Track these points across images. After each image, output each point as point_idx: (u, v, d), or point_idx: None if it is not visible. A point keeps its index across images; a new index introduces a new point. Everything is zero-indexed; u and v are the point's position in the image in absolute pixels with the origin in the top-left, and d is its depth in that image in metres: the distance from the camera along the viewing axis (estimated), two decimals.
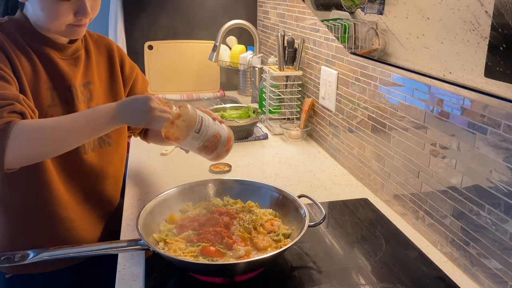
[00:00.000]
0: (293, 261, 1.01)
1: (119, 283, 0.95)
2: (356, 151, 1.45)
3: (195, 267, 0.92)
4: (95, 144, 1.16)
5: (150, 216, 1.03)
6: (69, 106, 1.09)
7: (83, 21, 1.02)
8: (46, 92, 1.05)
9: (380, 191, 1.31)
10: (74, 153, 1.09)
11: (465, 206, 0.96)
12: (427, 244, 1.08)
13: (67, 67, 1.09)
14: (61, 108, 1.07)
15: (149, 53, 2.45)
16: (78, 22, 1.02)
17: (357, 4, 1.02)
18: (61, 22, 1.00)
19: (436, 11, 0.78)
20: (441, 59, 0.80)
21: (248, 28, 2.28)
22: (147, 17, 2.42)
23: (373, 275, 0.96)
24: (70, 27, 1.02)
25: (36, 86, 1.03)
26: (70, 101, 1.09)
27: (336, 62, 1.56)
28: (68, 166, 1.09)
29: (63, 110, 1.07)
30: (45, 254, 0.91)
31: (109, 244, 0.99)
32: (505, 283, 0.86)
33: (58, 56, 1.08)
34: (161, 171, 1.50)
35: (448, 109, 0.99)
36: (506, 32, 0.62)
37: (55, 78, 1.07)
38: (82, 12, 1.00)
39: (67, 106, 1.08)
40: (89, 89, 1.14)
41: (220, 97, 2.54)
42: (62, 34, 1.05)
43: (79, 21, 1.02)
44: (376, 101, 1.30)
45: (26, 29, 1.04)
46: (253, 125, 1.85)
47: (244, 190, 1.17)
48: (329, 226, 1.16)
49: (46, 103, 1.05)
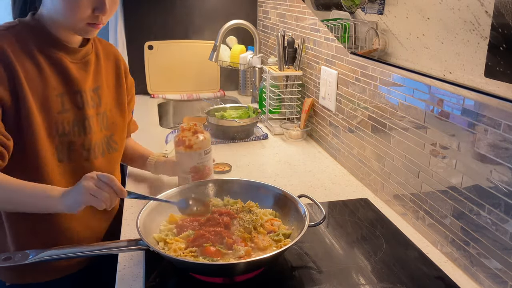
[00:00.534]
0: (293, 261, 1.01)
1: (119, 283, 0.95)
2: (356, 151, 1.45)
3: (195, 267, 0.92)
4: (103, 149, 1.17)
5: (150, 216, 1.03)
6: (79, 111, 1.09)
7: (99, 19, 1.01)
8: (56, 98, 1.05)
9: (380, 191, 1.31)
10: (85, 158, 1.11)
11: (465, 206, 0.96)
12: (427, 244, 1.08)
13: (77, 71, 1.09)
14: (72, 114, 1.08)
15: (149, 53, 2.45)
16: (95, 20, 1.01)
17: (357, 4, 1.02)
18: (79, 16, 0.99)
19: (436, 11, 0.78)
20: (441, 59, 0.80)
21: (248, 28, 2.28)
22: (147, 17, 2.42)
23: (373, 275, 0.96)
24: (86, 25, 1.01)
25: (45, 93, 1.03)
26: (81, 107, 1.09)
27: (336, 62, 1.56)
28: (77, 170, 1.09)
29: (74, 116, 1.08)
30: (45, 254, 0.91)
31: (109, 244, 0.99)
32: (505, 283, 0.86)
33: (69, 60, 1.08)
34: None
35: (448, 109, 0.99)
36: (506, 32, 0.62)
37: (65, 83, 1.07)
38: (101, 8, 0.99)
39: (78, 111, 1.09)
40: (98, 94, 1.15)
41: (220, 97, 2.54)
42: (77, 32, 1.05)
43: (96, 19, 1.01)
44: (376, 101, 1.30)
45: (39, 32, 1.04)
46: (253, 125, 1.85)
47: (244, 190, 1.17)
48: (329, 226, 1.16)
49: (56, 110, 1.04)
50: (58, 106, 1.05)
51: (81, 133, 1.09)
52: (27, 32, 1.03)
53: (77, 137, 1.09)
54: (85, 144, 1.10)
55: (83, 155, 1.10)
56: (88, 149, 1.11)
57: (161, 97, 2.48)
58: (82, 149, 1.10)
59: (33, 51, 1.02)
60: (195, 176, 1.28)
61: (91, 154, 1.12)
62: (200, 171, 1.28)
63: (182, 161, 1.28)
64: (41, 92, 1.02)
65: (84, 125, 1.10)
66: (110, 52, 1.22)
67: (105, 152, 1.17)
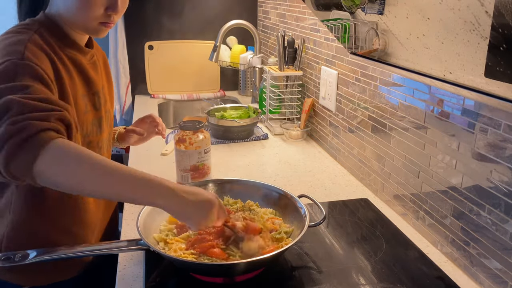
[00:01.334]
0: (293, 261, 1.01)
1: (119, 283, 0.95)
2: (356, 151, 1.45)
3: (195, 267, 0.92)
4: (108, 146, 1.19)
5: (150, 216, 1.03)
6: (97, 112, 1.10)
7: (111, 18, 1.01)
8: (82, 98, 1.04)
9: (380, 191, 1.31)
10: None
11: (465, 206, 0.96)
12: (427, 244, 1.08)
13: (93, 72, 1.10)
14: (92, 115, 1.08)
15: (149, 53, 2.45)
16: (107, 20, 1.00)
17: (357, 4, 1.02)
18: (92, 15, 0.98)
19: (436, 11, 0.78)
20: (441, 59, 0.80)
21: (248, 28, 2.28)
22: (147, 17, 2.42)
23: (373, 275, 0.96)
24: (98, 25, 1.00)
25: (74, 93, 1.01)
26: (98, 107, 1.10)
27: (336, 62, 1.56)
28: None
29: (93, 116, 1.09)
30: (45, 254, 0.91)
31: (109, 244, 0.99)
32: (505, 283, 0.86)
33: (85, 61, 1.07)
34: (161, 171, 1.50)
35: (448, 109, 0.99)
36: (506, 32, 0.62)
37: (86, 84, 1.07)
38: (114, 7, 0.98)
39: (96, 112, 1.09)
40: (103, 94, 1.16)
41: (220, 97, 2.54)
42: (88, 31, 1.03)
43: (108, 18, 1.00)
44: (376, 101, 1.30)
45: (57, 31, 1.01)
46: (253, 125, 1.85)
47: (244, 190, 1.17)
48: (329, 226, 1.16)
49: (82, 111, 1.04)
50: (83, 106, 1.04)
51: (98, 132, 1.11)
52: (46, 32, 1.00)
53: (95, 137, 1.10)
54: (99, 143, 1.12)
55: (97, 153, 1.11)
56: (100, 147, 1.13)
57: (161, 97, 2.48)
58: (96, 148, 1.12)
59: (57, 50, 1.00)
60: (194, 175, 1.29)
61: (101, 151, 1.14)
62: (200, 170, 1.29)
63: (182, 159, 1.29)
64: (73, 93, 1.00)
65: (100, 125, 1.11)
66: (99, 50, 1.22)
67: (108, 148, 1.20)
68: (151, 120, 1.33)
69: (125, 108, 2.49)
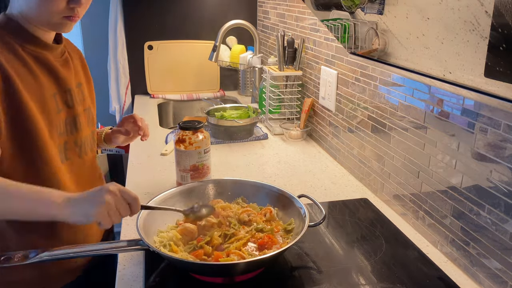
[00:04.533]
0: (293, 261, 1.01)
1: (119, 283, 0.95)
2: (356, 151, 1.45)
3: (195, 267, 0.92)
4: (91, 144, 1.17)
5: (150, 216, 1.03)
6: (70, 110, 1.08)
7: (75, 11, 0.98)
8: (52, 98, 1.02)
9: (380, 191, 1.31)
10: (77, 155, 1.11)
11: (465, 206, 0.96)
12: (427, 244, 1.08)
13: (63, 69, 1.07)
14: (65, 113, 1.07)
15: (149, 53, 2.45)
16: (71, 13, 0.98)
17: (357, 4, 1.02)
18: (54, 10, 0.96)
19: (436, 11, 0.78)
20: (441, 59, 0.80)
21: (248, 28, 2.28)
22: (147, 17, 2.42)
23: (373, 275, 0.96)
24: (61, 19, 0.98)
25: (42, 94, 1.00)
26: (71, 105, 1.08)
27: (336, 62, 1.56)
28: (73, 167, 1.09)
29: (67, 114, 1.07)
30: (45, 254, 0.91)
31: (109, 244, 0.99)
32: (505, 283, 0.86)
33: (53, 58, 1.05)
34: (161, 171, 1.51)
35: (448, 109, 0.99)
36: (506, 32, 0.62)
37: (56, 82, 1.05)
38: (76, 0, 0.96)
39: (69, 110, 1.08)
40: (81, 91, 1.14)
41: (220, 97, 2.54)
42: (52, 27, 1.01)
43: (72, 11, 0.98)
44: (376, 101, 1.30)
45: (18, 30, 0.99)
46: (253, 125, 1.85)
47: (244, 190, 1.17)
48: (329, 226, 1.16)
49: (53, 111, 1.02)
50: (54, 106, 1.03)
51: (73, 131, 1.09)
52: (6, 32, 0.98)
53: (70, 135, 1.08)
54: (77, 141, 1.11)
55: (76, 152, 1.10)
56: (80, 146, 1.12)
57: (161, 97, 2.48)
58: (75, 147, 1.10)
59: (19, 51, 0.98)
60: (194, 175, 1.29)
61: (82, 150, 1.12)
62: (199, 170, 1.29)
63: (181, 159, 1.29)
64: (38, 94, 0.99)
65: (75, 123, 1.09)
66: (73, 48, 1.20)
67: (92, 147, 1.17)
68: (134, 121, 1.29)
69: (125, 108, 2.49)
